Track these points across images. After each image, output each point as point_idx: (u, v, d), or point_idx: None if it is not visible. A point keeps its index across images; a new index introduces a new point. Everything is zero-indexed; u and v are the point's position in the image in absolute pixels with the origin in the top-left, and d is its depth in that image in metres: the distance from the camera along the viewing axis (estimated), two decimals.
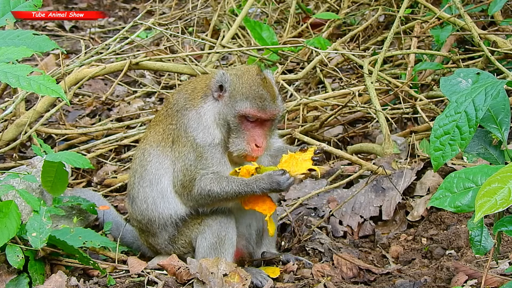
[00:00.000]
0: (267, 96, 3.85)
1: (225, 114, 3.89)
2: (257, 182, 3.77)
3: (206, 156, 3.90)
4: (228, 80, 3.90)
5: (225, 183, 3.83)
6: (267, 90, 3.88)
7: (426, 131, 5.60)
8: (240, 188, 3.80)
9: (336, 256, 4.20)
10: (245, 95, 3.84)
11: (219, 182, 3.84)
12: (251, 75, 3.90)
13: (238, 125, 3.87)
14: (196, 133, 3.93)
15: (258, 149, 3.88)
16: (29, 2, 3.74)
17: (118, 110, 7.30)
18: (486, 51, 5.34)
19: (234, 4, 7.84)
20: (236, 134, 3.88)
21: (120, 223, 4.66)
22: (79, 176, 5.91)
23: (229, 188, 3.82)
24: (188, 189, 3.91)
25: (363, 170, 5.00)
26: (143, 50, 7.24)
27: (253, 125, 3.89)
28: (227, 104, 3.89)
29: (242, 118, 3.86)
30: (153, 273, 3.96)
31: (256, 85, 3.86)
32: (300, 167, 3.80)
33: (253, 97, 3.84)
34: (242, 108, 3.84)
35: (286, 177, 3.74)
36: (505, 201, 2.50)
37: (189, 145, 3.92)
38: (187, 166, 3.91)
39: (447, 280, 3.74)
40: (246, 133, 3.88)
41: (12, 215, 3.62)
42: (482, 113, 2.85)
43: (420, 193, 4.87)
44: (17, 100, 5.70)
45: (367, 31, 7.44)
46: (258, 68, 3.94)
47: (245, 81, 3.88)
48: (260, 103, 3.84)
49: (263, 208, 3.84)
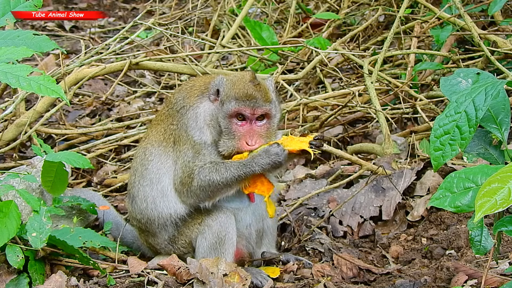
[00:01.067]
0: (255, 95, 3.89)
1: (216, 116, 3.95)
2: (255, 160, 3.81)
3: (204, 152, 3.94)
4: (223, 85, 3.95)
5: (223, 170, 3.85)
6: (258, 91, 3.90)
7: (426, 131, 5.60)
8: (239, 170, 3.82)
9: (336, 256, 4.20)
10: (233, 97, 3.90)
11: (218, 170, 3.87)
12: (244, 81, 3.94)
13: (229, 126, 3.90)
14: (194, 132, 3.97)
15: (248, 146, 3.89)
16: (29, 2, 3.74)
17: (118, 110, 7.30)
18: (486, 51, 5.34)
19: (234, 4, 7.85)
20: (227, 136, 3.91)
21: (120, 223, 4.67)
22: (79, 176, 5.91)
23: (228, 174, 3.84)
24: (187, 185, 3.93)
25: (363, 170, 5.00)
26: (143, 50, 7.24)
27: (243, 125, 3.92)
28: (219, 107, 3.95)
29: (231, 118, 3.90)
30: (153, 273, 3.96)
31: (245, 88, 3.90)
32: (295, 145, 3.83)
33: (240, 96, 3.88)
34: (230, 107, 3.89)
35: (281, 148, 3.78)
36: (505, 201, 2.50)
37: (188, 143, 3.96)
38: (186, 162, 3.94)
39: (447, 280, 3.74)
40: (236, 133, 3.91)
41: (12, 215, 3.62)
42: (482, 113, 2.85)
43: (420, 193, 4.87)
44: (17, 100, 5.70)
45: (367, 31, 7.44)
46: (252, 75, 3.97)
47: (236, 86, 3.93)
48: (246, 101, 3.88)
49: (262, 190, 3.87)
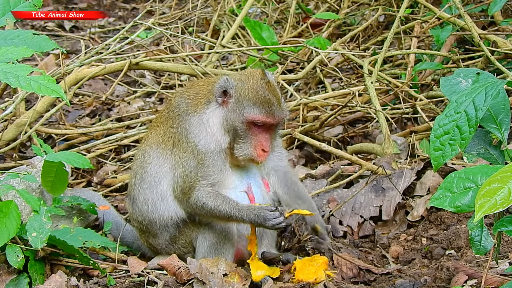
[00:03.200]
0: (274, 101, 3.87)
1: (232, 119, 3.90)
2: (248, 210, 3.78)
3: (208, 164, 3.90)
4: (233, 86, 3.90)
5: (220, 202, 3.84)
6: (273, 95, 3.90)
7: (426, 131, 5.60)
8: (232, 211, 3.81)
9: (336, 256, 4.20)
10: (252, 101, 3.86)
11: (215, 198, 3.86)
12: (256, 80, 3.91)
13: (246, 131, 3.89)
14: (198, 140, 3.93)
15: (264, 154, 3.91)
16: (29, 2, 3.74)
17: (118, 110, 7.30)
18: (486, 51, 5.34)
19: (234, 4, 7.84)
20: (243, 140, 3.90)
21: (120, 223, 4.67)
22: (79, 176, 5.91)
23: (222, 208, 3.83)
24: (187, 196, 3.92)
25: (363, 170, 5.00)
26: (143, 50, 7.24)
27: (260, 130, 3.91)
28: (234, 110, 3.90)
29: (250, 124, 3.88)
30: (153, 273, 3.96)
31: (262, 90, 3.87)
32: (309, 274, 3.84)
33: (261, 103, 3.85)
34: (251, 114, 3.85)
35: (275, 214, 3.72)
36: (505, 201, 2.50)
37: (190, 151, 3.92)
38: (187, 172, 3.92)
39: (447, 280, 3.74)
40: (253, 138, 3.90)
41: (12, 215, 3.62)
42: (482, 113, 2.85)
43: (420, 193, 4.87)
44: (17, 100, 5.70)
45: (367, 31, 7.44)
46: (262, 72, 3.96)
47: (250, 86, 3.89)
48: (268, 109, 3.85)
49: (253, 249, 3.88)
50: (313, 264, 3.88)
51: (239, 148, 3.91)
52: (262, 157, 3.91)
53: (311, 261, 3.91)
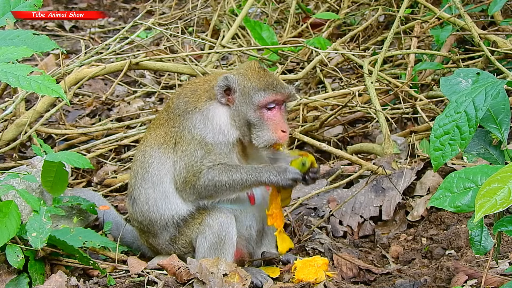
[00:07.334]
0: (276, 81, 3.97)
1: (243, 112, 3.94)
2: (265, 167, 3.88)
3: (215, 152, 3.93)
4: (235, 81, 3.94)
5: (233, 171, 3.89)
6: (274, 77, 4.00)
7: (426, 131, 5.60)
8: (248, 175, 3.87)
9: (336, 256, 4.20)
10: (257, 87, 3.93)
11: (227, 172, 3.90)
12: (254, 69, 4.00)
13: (260, 118, 3.92)
14: (205, 133, 3.95)
15: (285, 134, 3.94)
16: (29, 2, 3.74)
17: (118, 110, 7.30)
18: (486, 51, 5.34)
19: (234, 4, 7.84)
20: (259, 128, 3.93)
21: (120, 223, 4.66)
22: (79, 176, 5.91)
23: (236, 176, 3.88)
24: (191, 183, 3.92)
25: (363, 170, 5.00)
26: (143, 50, 7.24)
27: (273, 112, 3.95)
28: (242, 103, 3.94)
29: (262, 109, 3.92)
30: (153, 273, 3.96)
31: (263, 76, 3.96)
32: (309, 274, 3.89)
33: (265, 85, 3.93)
34: (260, 99, 3.91)
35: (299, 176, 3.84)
36: (505, 201, 2.50)
37: (196, 143, 3.93)
38: (193, 162, 3.93)
39: (447, 280, 3.74)
40: (269, 123, 3.92)
41: (12, 215, 3.62)
42: (482, 113, 2.85)
43: (420, 193, 4.87)
44: (17, 100, 5.70)
45: (367, 31, 7.44)
46: (257, 63, 4.05)
47: (251, 76, 3.97)
48: (273, 88, 3.93)
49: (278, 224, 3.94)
50: (313, 264, 3.89)
51: (257, 137, 3.93)
52: (283, 138, 3.93)
53: (311, 261, 3.92)
